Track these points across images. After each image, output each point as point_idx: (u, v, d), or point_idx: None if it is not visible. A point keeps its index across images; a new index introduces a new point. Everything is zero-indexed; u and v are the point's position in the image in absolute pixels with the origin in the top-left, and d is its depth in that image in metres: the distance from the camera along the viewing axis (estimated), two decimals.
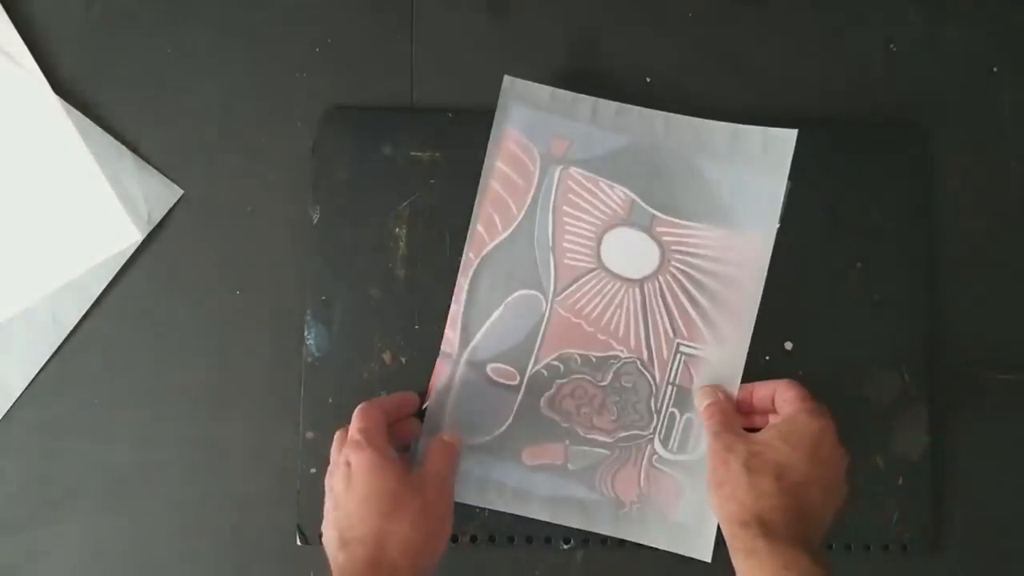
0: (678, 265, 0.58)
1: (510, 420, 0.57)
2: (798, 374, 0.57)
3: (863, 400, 0.57)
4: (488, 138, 0.58)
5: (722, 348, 0.57)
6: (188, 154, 0.59)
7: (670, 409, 0.57)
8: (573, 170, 0.58)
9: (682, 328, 0.57)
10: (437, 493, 0.50)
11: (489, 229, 0.58)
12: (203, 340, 0.58)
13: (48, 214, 0.58)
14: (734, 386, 0.56)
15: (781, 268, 0.58)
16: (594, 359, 0.57)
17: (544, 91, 0.58)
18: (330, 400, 0.57)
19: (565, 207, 0.58)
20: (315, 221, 0.58)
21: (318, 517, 0.56)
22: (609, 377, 0.57)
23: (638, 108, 0.58)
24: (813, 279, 0.58)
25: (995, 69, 0.61)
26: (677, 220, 0.58)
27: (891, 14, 0.61)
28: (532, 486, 0.57)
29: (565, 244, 0.58)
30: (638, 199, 0.58)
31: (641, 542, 0.56)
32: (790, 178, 0.58)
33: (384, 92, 0.60)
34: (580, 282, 0.57)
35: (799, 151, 0.58)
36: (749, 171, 0.57)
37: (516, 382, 0.57)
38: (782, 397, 0.53)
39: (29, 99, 0.58)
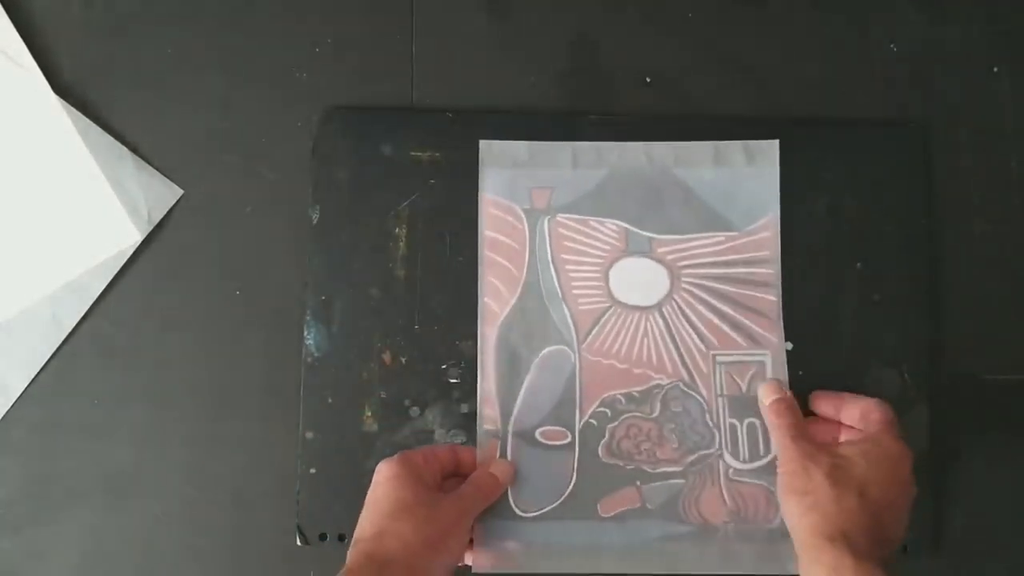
0: (689, 279, 0.57)
1: (574, 479, 0.56)
2: (798, 374, 0.57)
3: None
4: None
5: (758, 346, 0.57)
6: (188, 154, 0.59)
7: (728, 420, 0.56)
8: (560, 217, 0.58)
9: (712, 339, 0.57)
10: (451, 511, 0.50)
11: (497, 299, 0.57)
12: (203, 340, 0.58)
13: (48, 214, 0.58)
14: (785, 380, 0.56)
15: (782, 268, 0.58)
16: (637, 394, 0.57)
17: (521, 147, 0.58)
18: (330, 400, 0.57)
19: (563, 255, 0.58)
20: (315, 221, 0.58)
21: (318, 517, 0.56)
22: (658, 407, 0.56)
23: (618, 144, 0.58)
24: (813, 279, 0.58)
25: (995, 69, 0.61)
26: (675, 237, 0.58)
27: (891, 14, 0.61)
28: (605, 538, 0.55)
29: (574, 291, 0.57)
30: (631, 227, 0.58)
31: (730, 572, 0.54)
32: (790, 178, 0.58)
33: (384, 92, 0.60)
34: (600, 324, 0.57)
35: (800, 150, 0.59)
36: (737, 179, 0.58)
37: (568, 440, 0.56)
38: (870, 416, 0.52)
39: (29, 99, 0.58)
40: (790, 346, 0.57)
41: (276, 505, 0.57)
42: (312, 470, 0.57)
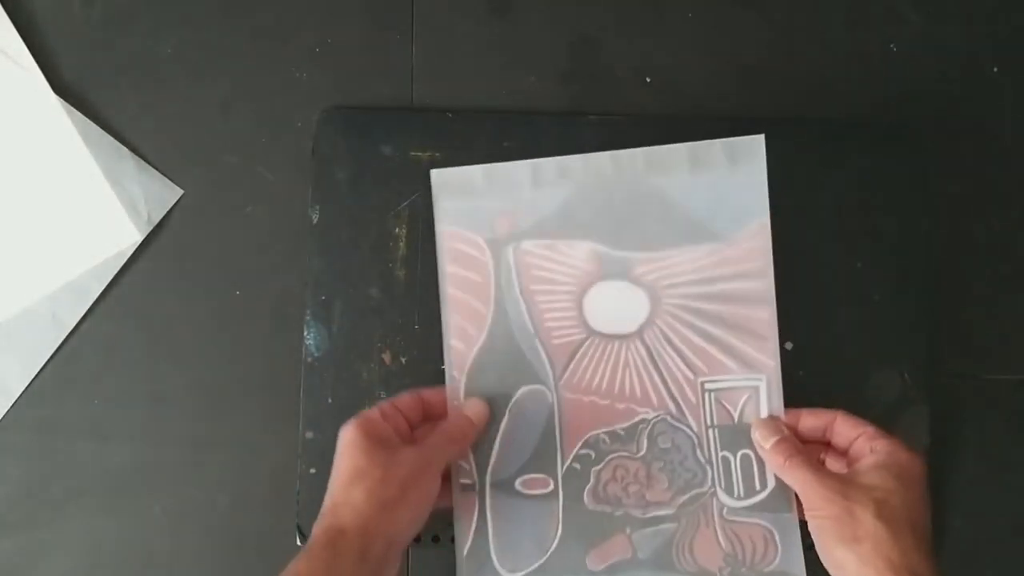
0: (672, 300, 0.52)
1: (559, 530, 0.51)
2: (798, 374, 0.57)
3: (863, 401, 0.57)
4: (484, 143, 0.58)
5: (751, 369, 0.52)
6: (188, 154, 0.59)
7: (720, 454, 0.52)
8: (526, 243, 0.53)
9: (700, 365, 0.52)
10: (409, 466, 0.47)
11: (464, 339, 0.53)
12: (203, 340, 0.58)
13: (48, 214, 0.58)
14: (781, 406, 0.52)
15: (781, 268, 0.58)
16: (621, 432, 0.52)
17: (476, 172, 0.53)
18: (329, 400, 0.57)
19: (532, 286, 0.53)
20: (315, 221, 0.58)
21: (317, 517, 0.56)
22: (644, 445, 0.52)
23: (581, 156, 0.52)
24: (813, 279, 0.58)
25: (995, 69, 0.61)
26: (654, 254, 0.52)
27: (891, 14, 0.61)
28: None
29: (547, 324, 0.53)
30: (604, 248, 0.53)
31: None
32: (790, 178, 0.58)
33: (384, 92, 0.60)
34: (577, 358, 0.53)
35: (799, 151, 0.59)
36: (719, 183, 0.52)
37: (551, 488, 0.52)
38: (853, 432, 0.49)
39: (29, 99, 0.58)
40: (790, 346, 0.57)
41: (276, 505, 0.57)
42: (312, 470, 0.57)
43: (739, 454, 0.52)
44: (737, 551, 0.52)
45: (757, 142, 0.52)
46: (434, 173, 0.53)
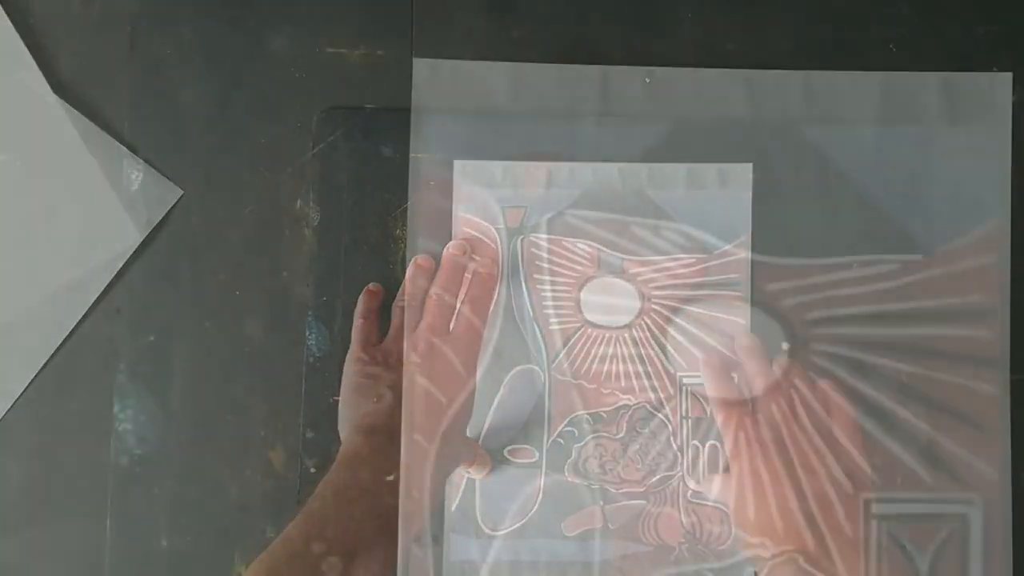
0: (659, 301, 0.58)
1: (540, 497, 0.57)
2: None
3: None
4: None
5: None
6: (188, 154, 0.59)
7: (691, 442, 0.57)
8: (533, 236, 0.58)
9: (680, 361, 0.57)
10: None
11: None
12: (203, 340, 0.58)
13: (48, 214, 0.58)
14: None
15: (780, 268, 0.58)
16: (604, 415, 0.57)
17: (496, 167, 0.58)
18: (330, 400, 0.57)
19: (535, 275, 0.58)
20: (315, 222, 0.58)
21: None
22: (624, 428, 0.57)
23: (592, 164, 0.58)
24: (810, 279, 0.58)
25: (995, 69, 0.61)
26: (646, 258, 0.58)
27: (891, 14, 0.61)
28: (567, 556, 0.56)
29: (545, 311, 0.57)
30: (603, 248, 0.58)
31: None
32: (789, 176, 0.58)
33: (384, 92, 0.60)
34: (570, 344, 0.57)
35: (799, 150, 0.58)
36: (710, 201, 0.58)
37: (535, 459, 0.57)
38: None
39: (29, 99, 0.58)
40: (786, 346, 0.57)
41: (276, 505, 0.57)
42: (313, 469, 0.57)
43: (707, 444, 0.57)
44: (696, 530, 0.57)
45: (745, 168, 0.58)
46: (457, 163, 0.58)
